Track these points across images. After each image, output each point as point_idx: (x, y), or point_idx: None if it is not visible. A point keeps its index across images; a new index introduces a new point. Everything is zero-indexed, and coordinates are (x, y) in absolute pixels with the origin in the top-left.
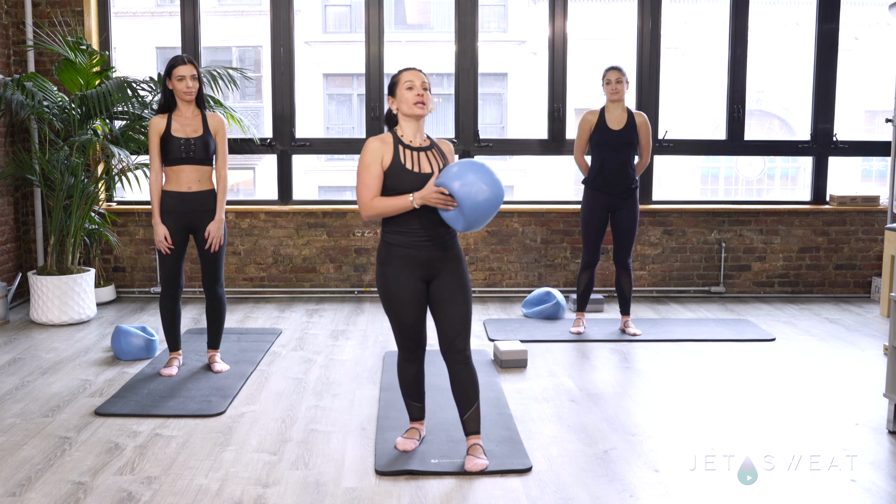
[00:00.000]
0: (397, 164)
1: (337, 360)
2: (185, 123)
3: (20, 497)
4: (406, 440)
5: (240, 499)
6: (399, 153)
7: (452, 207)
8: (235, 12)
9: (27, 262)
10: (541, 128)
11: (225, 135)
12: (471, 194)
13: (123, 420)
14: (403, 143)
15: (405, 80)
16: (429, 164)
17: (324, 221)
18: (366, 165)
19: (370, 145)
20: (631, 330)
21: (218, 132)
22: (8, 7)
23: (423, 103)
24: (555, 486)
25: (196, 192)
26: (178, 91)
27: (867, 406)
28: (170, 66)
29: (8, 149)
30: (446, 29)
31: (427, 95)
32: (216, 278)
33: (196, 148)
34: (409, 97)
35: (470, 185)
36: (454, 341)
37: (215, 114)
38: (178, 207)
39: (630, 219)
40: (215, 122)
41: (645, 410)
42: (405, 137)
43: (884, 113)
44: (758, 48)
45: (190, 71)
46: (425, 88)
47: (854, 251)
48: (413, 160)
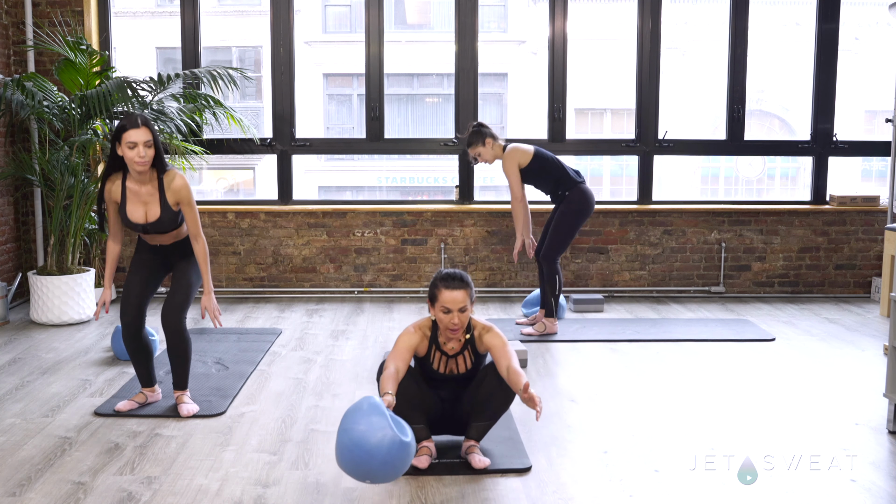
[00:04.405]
0: (426, 361)
1: (337, 360)
2: (139, 201)
3: (20, 497)
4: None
5: (240, 499)
6: (431, 353)
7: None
8: (235, 12)
9: (27, 262)
10: (541, 128)
11: (189, 199)
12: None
13: (123, 420)
14: (439, 345)
15: (443, 302)
16: (456, 367)
17: (324, 221)
18: (398, 347)
19: (408, 334)
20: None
21: (180, 200)
22: (8, 7)
23: (457, 331)
24: (555, 486)
25: (170, 245)
26: (128, 160)
27: (867, 406)
28: (119, 128)
29: (8, 149)
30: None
31: (464, 318)
32: (180, 307)
33: (157, 227)
34: (444, 321)
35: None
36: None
37: (174, 177)
38: (153, 251)
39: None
40: (174, 193)
41: (645, 410)
42: (441, 338)
43: (884, 113)
44: (758, 48)
45: (143, 136)
46: (462, 311)
47: (854, 251)
48: (442, 363)
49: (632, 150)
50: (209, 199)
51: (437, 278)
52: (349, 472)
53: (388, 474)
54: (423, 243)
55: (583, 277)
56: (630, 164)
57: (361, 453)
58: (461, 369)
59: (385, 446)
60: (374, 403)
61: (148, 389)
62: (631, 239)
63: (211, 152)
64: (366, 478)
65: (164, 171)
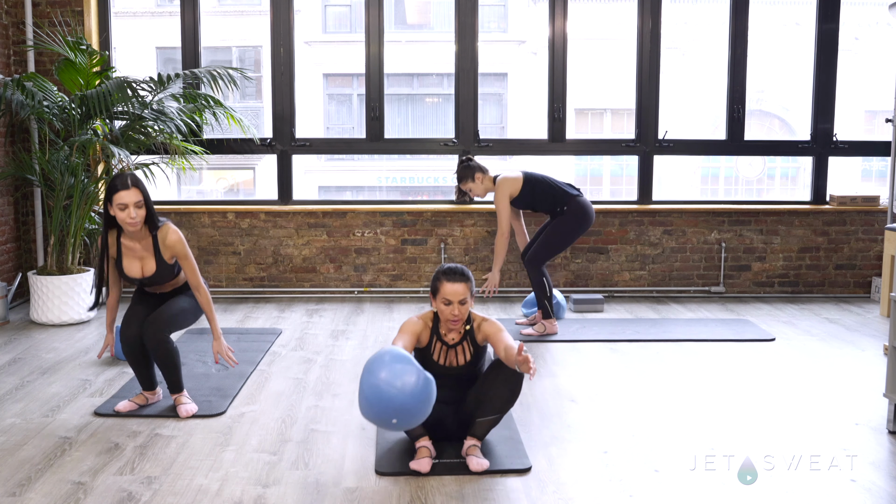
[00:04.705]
0: (427, 352)
1: (337, 360)
2: (135, 256)
3: (20, 497)
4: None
5: (240, 499)
6: (432, 343)
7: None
8: (235, 12)
9: (27, 262)
10: (541, 128)
11: (184, 252)
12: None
13: (123, 420)
14: (440, 335)
15: (444, 294)
16: (456, 359)
17: (324, 221)
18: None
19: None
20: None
21: (176, 255)
22: (8, 7)
23: (457, 322)
24: (555, 486)
25: (170, 291)
26: (120, 220)
27: (867, 406)
28: (110, 189)
29: (8, 149)
30: (446, 29)
31: (464, 310)
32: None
33: (154, 280)
34: (445, 313)
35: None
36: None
37: (167, 233)
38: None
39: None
40: (169, 249)
41: (645, 410)
42: (442, 329)
43: (884, 113)
44: (758, 48)
45: (133, 197)
46: (462, 303)
47: (854, 251)
48: (442, 354)
49: (632, 150)
50: (209, 199)
51: (440, 272)
52: (377, 412)
53: (416, 410)
54: (423, 243)
55: (583, 277)
56: (630, 164)
57: (392, 390)
58: (460, 361)
59: (416, 379)
60: (395, 350)
61: (148, 392)
62: (631, 239)
63: (211, 152)
64: (394, 416)
65: (156, 227)
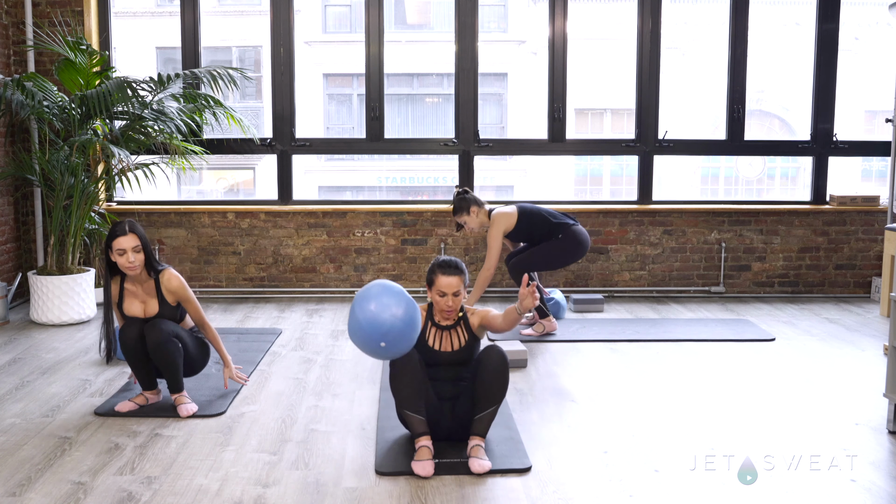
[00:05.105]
0: (422, 339)
1: (337, 360)
2: (137, 299)
3: (20, 497)
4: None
5: (240, 499)
6: (427, 330)
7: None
8: (235, 12)
9: (27, 262)
10: (541, 128)
11: (187, 296)
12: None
13: (123, 420)
14: (434, 320)
15: (439, 286)
16: (450, 342)
17: (324, 221)
18: None
19: None
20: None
21: (179, 300)
22: (8, 7)
23: (451, 312)
24: (555, 486)
25: None
26: (120, 265)
27: (867, 406)
28: (110, 235)
29: (8, 149)
30: (446, 29)
31: (457, 301)
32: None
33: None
34: (440, 304)
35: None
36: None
37: (169, 278)
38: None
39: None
40: (172, 294)
41: (645, 410)
42: (437, 318)
43: (884, 113)
44: (758, 48)
45: (131, 243)
46: (456, 294)
47: (854, 251)
48: (437, 339)
49: (632, 150)
50: (209, 199)
51: (435, 264)
52: (366, 336)
53: (404, 333)
54: (423, 243)
55: (583, 277)
56: (630, 164)
57: (382, 311)
58: (455, 345)
59: (404, 302)
60: (385, 281)
61: (149, 392)
62: (631, 239)
63: (211, 152)
64: (382, 339)
65: (157, 271)
